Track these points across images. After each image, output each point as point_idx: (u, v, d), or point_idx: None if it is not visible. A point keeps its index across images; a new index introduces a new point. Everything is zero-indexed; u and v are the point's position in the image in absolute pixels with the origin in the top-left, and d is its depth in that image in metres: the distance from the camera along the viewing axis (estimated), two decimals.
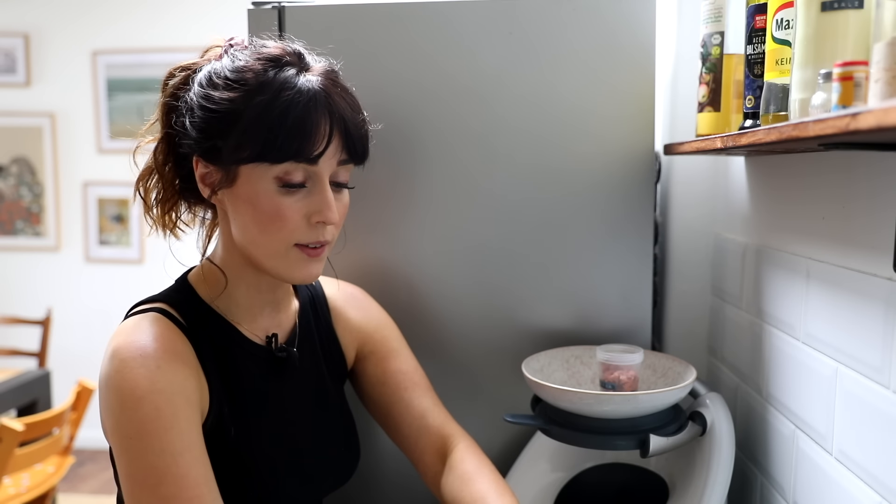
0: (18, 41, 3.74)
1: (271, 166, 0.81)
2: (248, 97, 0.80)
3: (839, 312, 0.82)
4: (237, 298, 0.91)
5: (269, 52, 0.84)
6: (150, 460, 0.76)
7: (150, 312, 0.85)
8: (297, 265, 0.86)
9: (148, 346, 0.80)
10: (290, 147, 0.80)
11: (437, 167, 1.18)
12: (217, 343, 0.88)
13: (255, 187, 0.82)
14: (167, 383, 0.79)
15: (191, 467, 0.77)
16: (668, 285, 1.37)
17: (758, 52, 0.88)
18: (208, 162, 0.85)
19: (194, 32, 3.57)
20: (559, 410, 1.01)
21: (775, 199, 1.03)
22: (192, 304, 0.89)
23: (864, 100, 0.59)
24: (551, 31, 1.15)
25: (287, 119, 0.79)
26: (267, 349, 0.93)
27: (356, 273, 1.18)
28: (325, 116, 0.81)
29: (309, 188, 0.84)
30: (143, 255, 3.74)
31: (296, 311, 1.00)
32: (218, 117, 0.81)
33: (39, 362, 3.13)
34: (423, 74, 1.17)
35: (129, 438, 0.78)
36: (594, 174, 1.16)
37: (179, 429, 0.78)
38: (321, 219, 0.84)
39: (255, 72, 0.82)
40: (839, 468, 0.81)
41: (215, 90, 0.82)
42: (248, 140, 0.80)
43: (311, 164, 0.82)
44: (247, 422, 0.88)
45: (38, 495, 2.17)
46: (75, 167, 3.78)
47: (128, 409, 0.77)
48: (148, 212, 0.92)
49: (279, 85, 0.80)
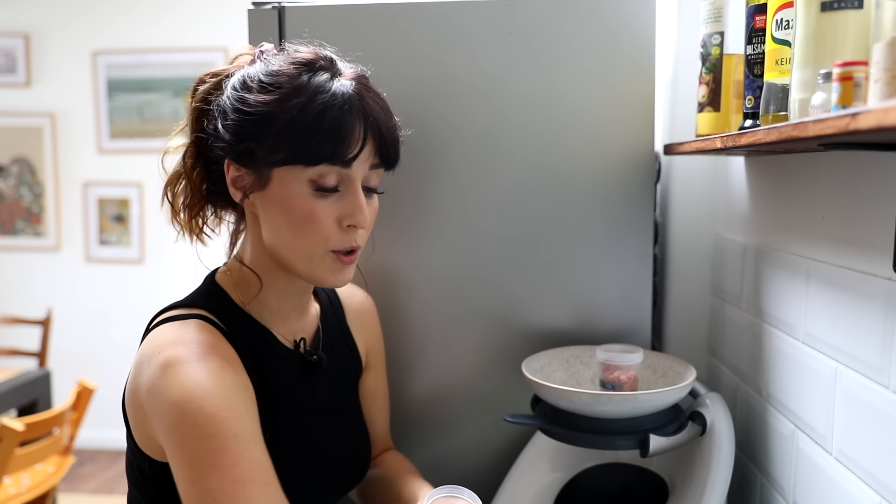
0: (18, 41, 3.74)
1: (305, 169, 0.82)
2: (284, 100, 0.81)
3: (839, 312, 0.82)
4: (268, 302, 0.92)
5: (303, 56, 0.85)
6: (223, 443, 0.74)
7: (191, 319, 0.84)
8: (331, 270, 0.87)
9: (203, 351, 0.79)
10: (325, 150, 0.81)
11: (437, 167, 1.18)
12: (255, 347, 0.88)
13: (288, 190, 0.83)
14: (232, 380, 0.79)
15: (264, 454, 0.78)
16: (668, 285, 1.37)
17: (758, 52, 0.88)
18: (241, 165, 0.85)
19: (194, 32, 3.58)
20: (559, 410, 1.01)
21: (775, 199, 1.03)
22: (227, 309, 0.89)
23: (863, 100, 0.59)
24: (551, 31, 1.15)
25: (323, 122, 0.80)
26: (297, 353, 0.94)
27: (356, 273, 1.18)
28: (359, 120, 0.82)
29: (342, 192, 0.85)
30: (144, 255, 3.74)
31: (317, 314, 1.01)
32: (252, 120, 0.82)
33: (39, 362, 3.13)
34: (424, 75, 1.17)
35: (197, 426, 0.75)
36: (594, 174, 1.16)
37: (249, 418, 0.79)
38: (353, 222, 0.85)
39: (290, 75, 0.83)
40: (839, 468, 0.81)
41: (249, 93, 0.83)
42: (282, 142, 0.81)
43: (344, 167, 0.83)
44: (278, 424, 0.88)
45: (38, 495, 2.17)
46: (75, 167, 3.78)
47: (196, 401, 0.75)
48: (175, 217, 0.92)
49: (314, 89, 0.81)
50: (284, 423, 0.89)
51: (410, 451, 1.20)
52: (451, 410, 1.22)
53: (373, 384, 1.10)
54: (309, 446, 0.93)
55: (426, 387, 1.22)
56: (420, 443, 1.22)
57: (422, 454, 1.20)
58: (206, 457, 0.74)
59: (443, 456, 1.21)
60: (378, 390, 1.11)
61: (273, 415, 0.88)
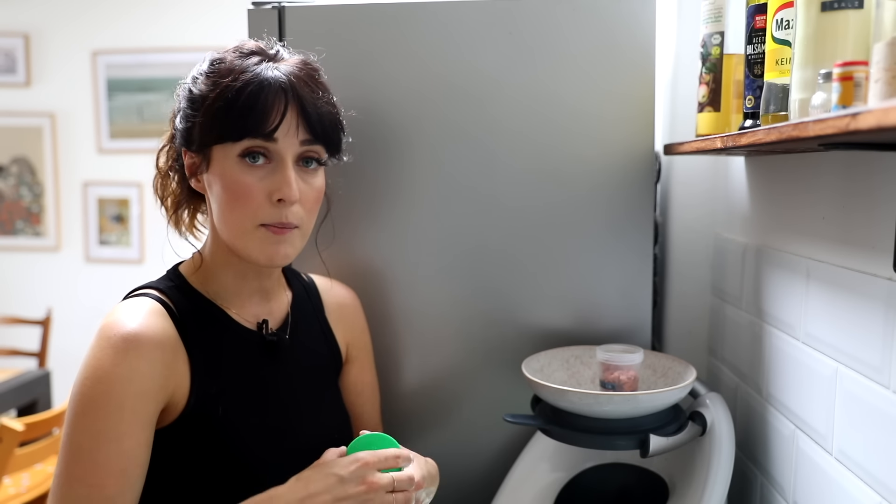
0: (18, 41, 3.74)
1: (234, 145, 0.86)
2: (216, 83, 0.87)
3: (839, 312, 0.82)
4: (225, 284, 0.95)
5: (245, 46, 0.91)
6: (79, 438, 0.80)
7: (141, 297, 0.89)
8: (263, 245, 0.89)
9: (127, 328, 0.83)
10: (245, 124, 0.85)
11: (438, 167, 1.18)
12: (205, 326, 0.91)
13: (223, 166, 0.88)
14: (128, 370, 0.81)
15: (111, 458, 0.80)
16: (668, 285, 1.37)
17: (758, 52, 0.88)
18: (188, 150, 0.91)
19: (194, 32, 3.57)
20: (559, 410, 1.01)
21: (775, 199, 1.03)
22: (181, 289, 0.92)
23: (864, 100, 0.59)
24: (551, 31, 1.15)
25: (241, 97, 0.85)
26: (258, 334, 0.96)
27: (357, 275, 1.18)
28: (279, 94, 0.86)
29: (273, 167, 0.88)
30: (143, 255, 3.74)
31: (289, 301, 1.02)
32: (194, 105, 0.88)
33: (39, 362, 3.13)
34: (423, 74, 1.17)
35: (74, 412, 0.82)
36: (594, 174, 1.16)
37: (118, 418, 0.81)
38: (281, 196, 0.87)
39: (226, 62, 0.89)
40: (839, 468, 0.81)
41: (195, 84, 0.90)
42: (212, 121, 0.86)
43: (267, 140, 0.86)
44: (235, 402, 0.90)
45: (38, 495, 2.16)
46: (75, 167, 3.77)
47: (84, 386, 0.82)
48: (169, 215, 0.98)
49: (241, 70, 0.87)
50: (243, 401, 0.91)
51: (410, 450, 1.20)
52: (451, 410, 1.22)
53: (356, 377, 1.10)
54: (273, 430, 0.93)
55: (426, 387, 1.22)
56: (420, 443, 1.22)
57: (422, 454, 1.20)
58: (65, 444, 0.81)
59: (443, 456, 1.21)
60: (363, 383, 1.11)
61: (229, 392, 0.90)
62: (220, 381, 0.89)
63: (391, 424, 1.21)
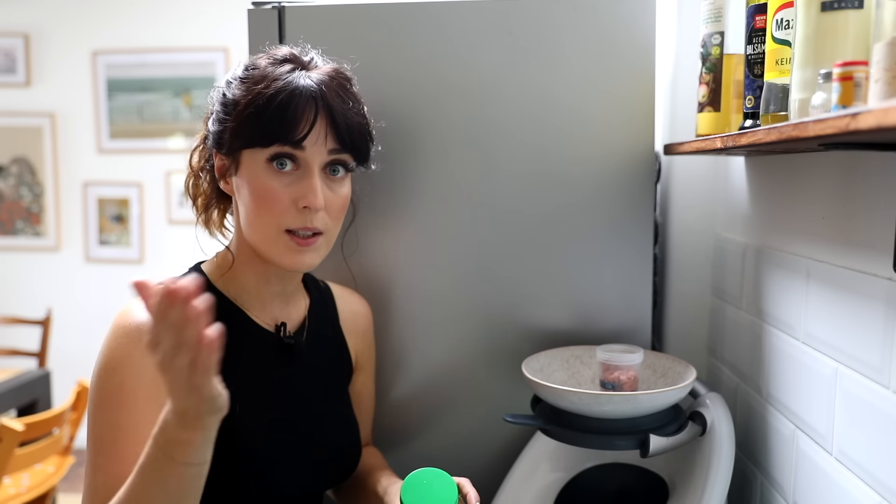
0: (18, 41, 3.74)
1: (263, 150, 0.88)
2: (249, 89, 0.88)
3: (839, 312, 0.82)
4: (247, 286, 0.96)
5: (279, 53, 0.93)
6: (98, 429, 0.83)
7: None
8: (287, 251, 0.90)
9: (140, 317, 0.84)
10: (275, 130, 0.86)
11: (438, 167, 1.18)
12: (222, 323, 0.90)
13: (251, 171, 0.89)
14: (141, 357, 0.82)
15: (128, 447, 0.81)
16: (668, 285, 1.37)
17: (758, 52, 0.88)
18: (220, 153, 0.93)
19: (194, 32, 3.57)
20: (559, 410, 1.01)
21: (775, 199, 1.03)
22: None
23: (864, 100, 0.59)
24: (551, 31, 1.15)
25: (272, 104, 0.86)
26: (276, 336, 0.97)
27: (357, 276, 1.18)
28: (310, 103, 0.87)
29: (300, 174, 0.89)
30: (143, 255, 3.74)
31: (307, 306, 1.04)
32: (226, 109, 0.90)
33: (39, 362, 3.13)
34: (423, 74, 1.17)
35: (93, 404, 0.84)
36: (594, 174, 1.16)
37: (133, 408, 0.82)
38: (306, 203, 0.88)
39: (260, 68, 0.90)
40: (839, 468, 0.81)
41: (228, 87, 0.92)
42: (244, 125, 0.88)
43: (295, 147, 0.87)
44: (250, 402, 0.90)
45: (38, 495, 2.17)
46: (75, 167, 3.77)
47: (100, 378, 0.84)
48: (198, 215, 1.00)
49: (274, 77, 0.88)
50: (257, 402, 0.92)
51: (410, 451, 1.20)
52: (451, 410, 1.22)
53: (360, 388, 1.12)
54: (285, 431, 0.94)
55: (426, 387, 1.22)
56: (420, 443, 1.22)
57: (422, 454, 1.20)
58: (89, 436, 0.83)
59: (443, 456, 1.21)
60: (363, 394, 1.13)
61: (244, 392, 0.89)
62: (236, 380, 0.88)
63: (391, 424, 1.21)
